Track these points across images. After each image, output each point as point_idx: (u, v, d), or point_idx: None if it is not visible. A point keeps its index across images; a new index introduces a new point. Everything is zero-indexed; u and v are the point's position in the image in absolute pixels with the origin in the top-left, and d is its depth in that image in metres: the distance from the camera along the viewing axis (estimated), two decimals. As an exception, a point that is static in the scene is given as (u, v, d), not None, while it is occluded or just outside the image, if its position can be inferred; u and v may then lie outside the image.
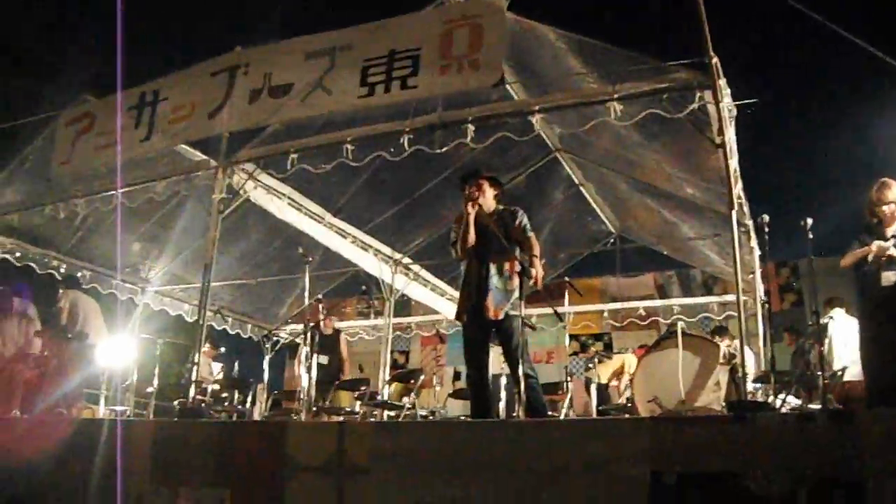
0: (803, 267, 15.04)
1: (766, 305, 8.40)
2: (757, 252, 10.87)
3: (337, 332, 11.82)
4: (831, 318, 9.25)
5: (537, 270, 6.56)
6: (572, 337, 16.32)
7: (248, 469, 5.89)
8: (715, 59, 6.65)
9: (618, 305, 14.95)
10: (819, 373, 7.07)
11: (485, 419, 6.48)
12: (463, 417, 9.88)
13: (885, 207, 6.96)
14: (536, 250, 6.80)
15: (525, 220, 7.02)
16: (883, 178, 7.01)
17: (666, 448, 4.58)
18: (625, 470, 4.63)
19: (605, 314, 15.16)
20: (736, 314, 7.75)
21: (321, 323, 11.22)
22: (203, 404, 9.42)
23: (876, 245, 6.87)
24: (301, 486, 5.58)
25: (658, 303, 15.10)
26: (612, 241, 14.50)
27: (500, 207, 7.15)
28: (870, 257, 6.98)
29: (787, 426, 4.51)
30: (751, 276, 10.64)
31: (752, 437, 4.47)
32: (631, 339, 14.84)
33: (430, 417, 10.91)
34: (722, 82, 6.68)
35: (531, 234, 6.94)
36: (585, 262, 15.97)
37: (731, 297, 12.73)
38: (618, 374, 11.04)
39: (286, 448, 5.77)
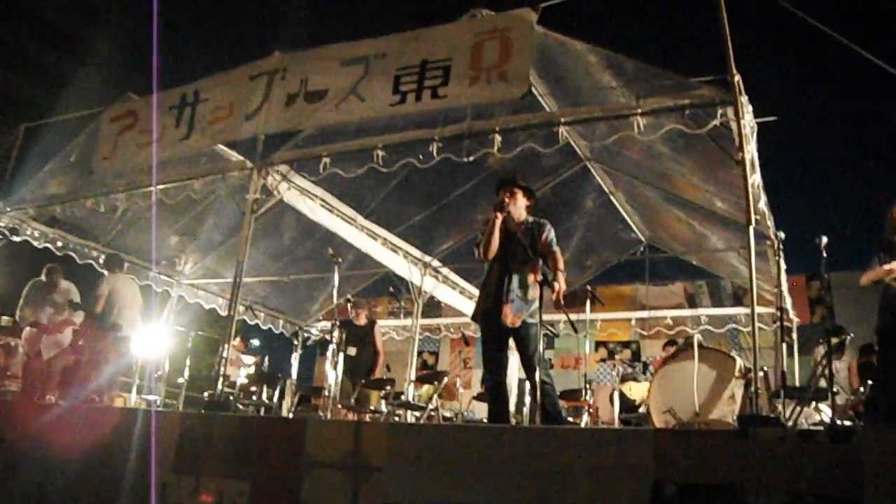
0: (834, 280, 14.95)
1: (779, 319, 8.37)
2: (783, 266, 10.94)
3: (371, 323, 11.97)
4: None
5: (560, 285, 6.63)
6: (600, 344, 16.44)
7: (268, 463, 6.07)
8: (737, 77, 6.75)
9: (645, 314, 15.01)
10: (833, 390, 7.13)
11: (494, 424, 6.60)
12: (485, 420, 10.02)
13: None
14: (560, 265, 6.89)
15: (552, 235, 7.11)
16: None
17: (668, 459, 4.69)
18: (627, 478, 4.75)
19: (633, 322, 15.25)
20: (765, 326, 7.91)
21: (358, 315, 11.44)
22: (231, 397, 9.65)
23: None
24: (318, 482, 5.75)
25: (686, 312, 15.11)
26: (641, 249, 14.58)
27: (530, 219, 7.23)
28: (887, 278, 7.08)
29: (788, 442, 4.56)
30: (776, 289, 10.67)
31: (752, 451, 4.54)
32: (658, 347, 14.90)
33: (454, 420, 11.03)
34: (744, 99, 6.76)
35: (556, 249, 7.02)
36: (615, 270, 16.10)
37: (759, 309, 12.76)
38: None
39: (305, 444, 5.94)
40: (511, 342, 6.97)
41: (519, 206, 7.17)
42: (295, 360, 10.99)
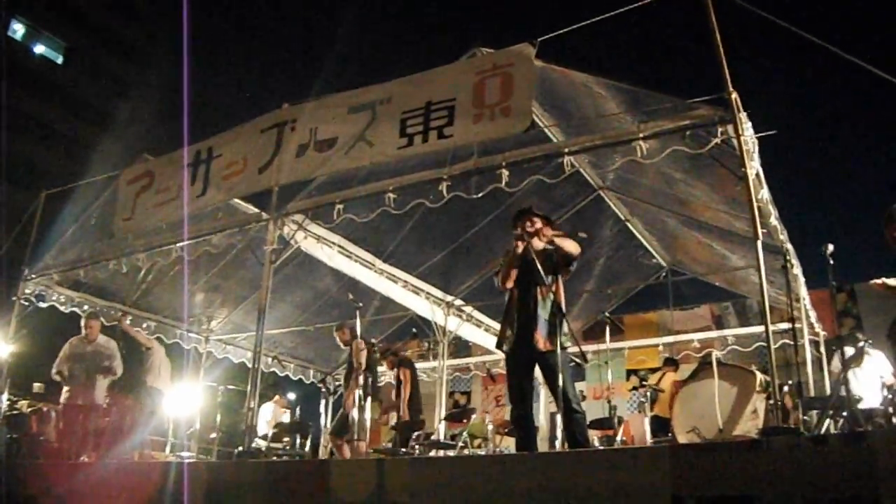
0: (860, 290, 14.82)
1: (792, 330, 8.35)
2: (801, 279, 10.93)
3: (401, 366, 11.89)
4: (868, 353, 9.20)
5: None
6: (631, 372, 16.37)
7: (295, 505, 6.16)
8: (734, 94, 6.84)
9: (671, 339, 14.97)
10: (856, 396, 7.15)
11: (513, 453, 6.62)
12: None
13: None
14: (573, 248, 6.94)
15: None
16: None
17: (685, 474, 4.72)
18: (647, 495, 4.79)
19: (661, 348, 15.21)
20: (789, 341, 7.92)
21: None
22: (263, 449, 9.72)
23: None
24: (344, 521, 5.83)
25: (713, 334, 15.05)
26: (663, 274, 14.58)
27: (550, 246, 7.18)
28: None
29: (802, 449, 4.60)
30: (796, 302, 10.66)
31: (768, 461, 4.56)
32: (688, 372, 14.86)
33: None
34: (742, 116, 6.84)
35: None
36: (640, 298, 16.11)
37: (784, 326, 12.70)
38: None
39: (330, 484, 6.02)
40: (538, 372, 6.99)
41: (520, 235, 7.18)
42: (322, 408, 11.01)
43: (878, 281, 7.42)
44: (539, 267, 6.74)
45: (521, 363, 6.89)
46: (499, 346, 7.16)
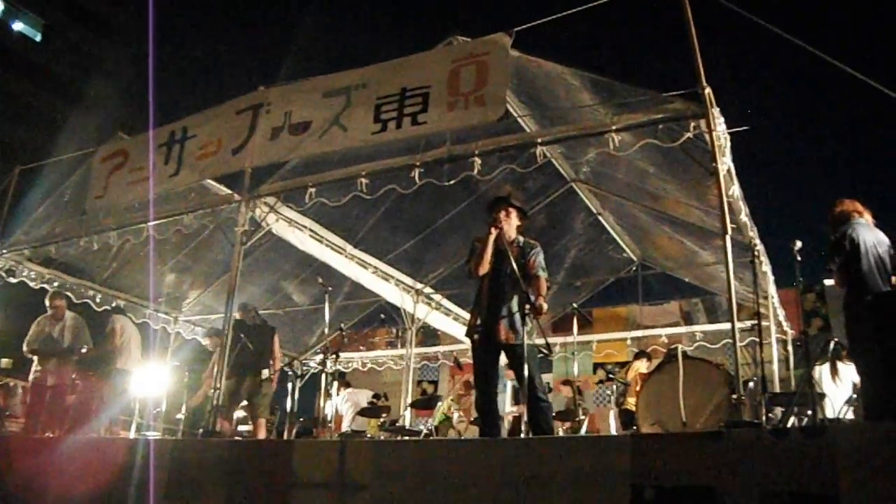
0: (829, 290, 14.94)
1: (758, 326, 8.41)
2: (770, 277, 11.02)
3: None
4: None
5: (542, 307, 6.73)
6: (598, 365, 16.48)
7: (257, 485, 6.16)
8: (708, 89, 6.86)
9: (640, 333, 15.05)
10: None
11: (477, 438, 6.65)
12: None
13: None
14: (543, 290, 6.98)
15: (541, 259, 7.17)
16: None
17: (646, 463, 4.77)
18: (607, 483, 4.83)
19: (629, 342, 15.29)
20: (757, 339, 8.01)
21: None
22: (228, 430, 9.71)
23: None
24: (305, 502, 5.84)
25: (681, 329, 15.16)
26: (633, 268, 14.66)
27: (521, 239, 7.28)
28: None
29: (762, 442, 4.63)
30: (764, 299, 10.74)
31: (729, 452, 4.61)
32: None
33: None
34: (715, 111, 6.85)
35: (542, 275, 7.08)
36: (610, 292, 16.17)
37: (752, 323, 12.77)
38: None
39: (292, 465, 6.03)
40: (503, 360, 7.07)
41: (512, 226, 7.22)
42: (289, 391, 10.97)
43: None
44: (511, 258, 6.78)
45: (487, 352, 6.96)
46: (468, 334, 7.19)
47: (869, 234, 7.28)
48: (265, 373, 10.58)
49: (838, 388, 8.76)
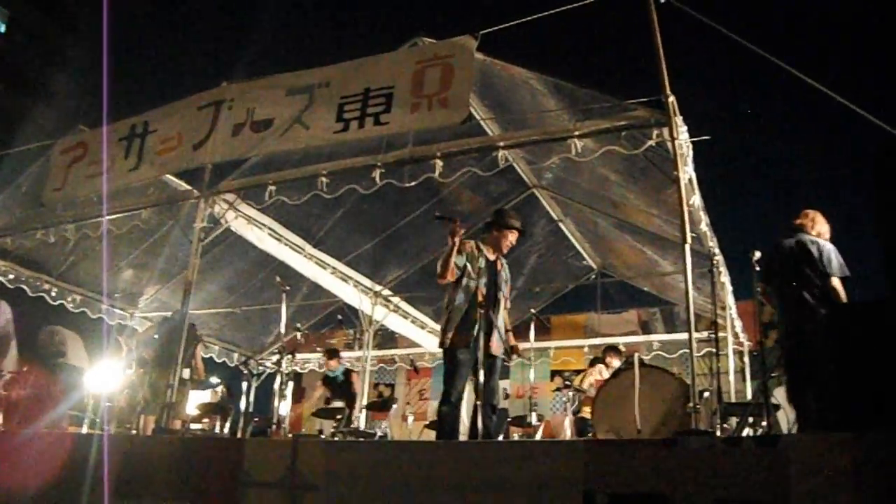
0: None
1: (714, 337, 8.45)
2: (729, 287, 11.08)
3: (348, 372, 12.43)
4: None
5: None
6: (555, 373, 16.48)
7: (207, 483, 6.07)
8: (672, 98, 6.90)
9: (598, 341, 15.02)
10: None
11: (431, 441, 6.65)
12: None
13: None
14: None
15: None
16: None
17: (599, 470, 4.75)
18: (560, 489, 4.80)
19: (586, 350, 15.30)
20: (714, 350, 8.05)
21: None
22: (182, 427, 9.63)
23: None
24: (256, 500, 5.77)
25: (640, 338, 15.21)
26: (593, 276, 14.68)
27: (503, 259, 7.56)
28: None
29: (715, 450, 4.64)
30: (722, 310, 10.80)
31: (681, 460, 4.60)
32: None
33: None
34: (678, 119, 6.89)
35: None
36: (569, 299, 16.19)
37: (709, 333, 12.85)
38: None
39: (243, 463, 5.96)
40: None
41: (508, 244, 7.49)
42: (244, 390, 10.86)
43: None
44: (503, 276, 7.24)
45: (472, 363, 6.93)
46: (451, 345, 7.11)
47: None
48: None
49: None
